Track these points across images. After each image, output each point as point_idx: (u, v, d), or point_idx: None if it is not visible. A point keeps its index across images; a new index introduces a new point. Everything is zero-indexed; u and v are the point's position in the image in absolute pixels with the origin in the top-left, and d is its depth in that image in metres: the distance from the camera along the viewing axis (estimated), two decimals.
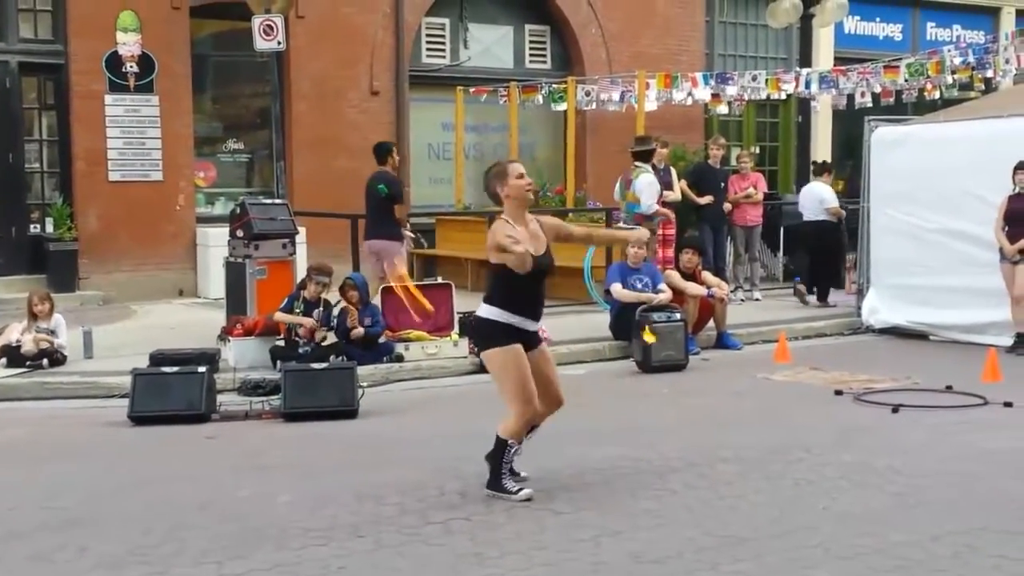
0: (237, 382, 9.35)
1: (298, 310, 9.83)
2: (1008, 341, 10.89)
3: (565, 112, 16.22)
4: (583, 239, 6.98)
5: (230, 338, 10.08)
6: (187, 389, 8.38)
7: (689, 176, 14.36)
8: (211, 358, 9.27)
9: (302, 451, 7.43)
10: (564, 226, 6.53)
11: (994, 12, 21.15)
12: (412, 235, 11.93)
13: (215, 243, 13.52)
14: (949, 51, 15.36)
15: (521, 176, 6.10)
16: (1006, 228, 10.97)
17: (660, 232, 12.80)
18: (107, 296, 14.04)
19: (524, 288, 6.04)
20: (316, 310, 9.88)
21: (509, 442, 6.09)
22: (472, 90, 16.43)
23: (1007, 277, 10.94)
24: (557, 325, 11.85)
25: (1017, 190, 10.92)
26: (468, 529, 5.56)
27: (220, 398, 8.69)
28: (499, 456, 6.10)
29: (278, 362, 9.42)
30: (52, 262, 13.96)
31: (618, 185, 12.99)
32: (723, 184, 14.28)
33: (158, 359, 9.08)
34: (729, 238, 14.71)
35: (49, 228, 14.14)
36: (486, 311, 6.12)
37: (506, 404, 6.12)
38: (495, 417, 6.19)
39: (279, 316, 9.83)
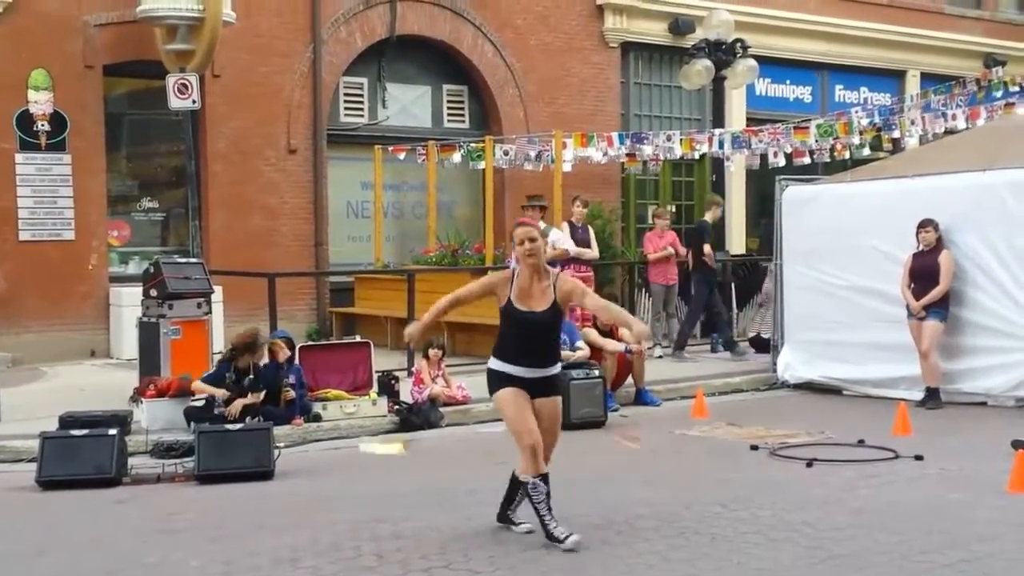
0: (150, 444, 9.17)
1: (231, 380, 9.64)
2: (918, 395, 11.11)
3: (483, 171, 16.32)
4: (593, 310, 6.85)
5: (143, 399, 9.91)
6: (97, 452, 8.19)
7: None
8: (123, 420, 9.04)
9: (214, 514, 7.28)
10: (578, 293, 6.49)
11: (899, 75, 21.81)
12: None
13: (128, 303, 13.32)
14: (856, 112, 15.80)
15: (522, 242, 6.26)
16: (912, 285, 11.25)
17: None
18: (16, 357, 13.70)
19: (512, 339, 6.32)
20: (248, 378, 9.68)
21: (524, 480, 6.26)
22: (391, 149, 16.48)
23: (914, 333, 11.18)
24: (476, 383, 11.84)
25: (921, 247, 11.21)
26: None
27: (132, 461, 8.52)
28: (531, 500, 6.24)
29: (192, 423, 9.26)
30: None
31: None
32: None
33: (68, 422, 8.83)
34: (648, 296, 14.90)
35: None
36: (490, 360, 6.39)
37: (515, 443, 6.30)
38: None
39: (199, 385, 9.66)
